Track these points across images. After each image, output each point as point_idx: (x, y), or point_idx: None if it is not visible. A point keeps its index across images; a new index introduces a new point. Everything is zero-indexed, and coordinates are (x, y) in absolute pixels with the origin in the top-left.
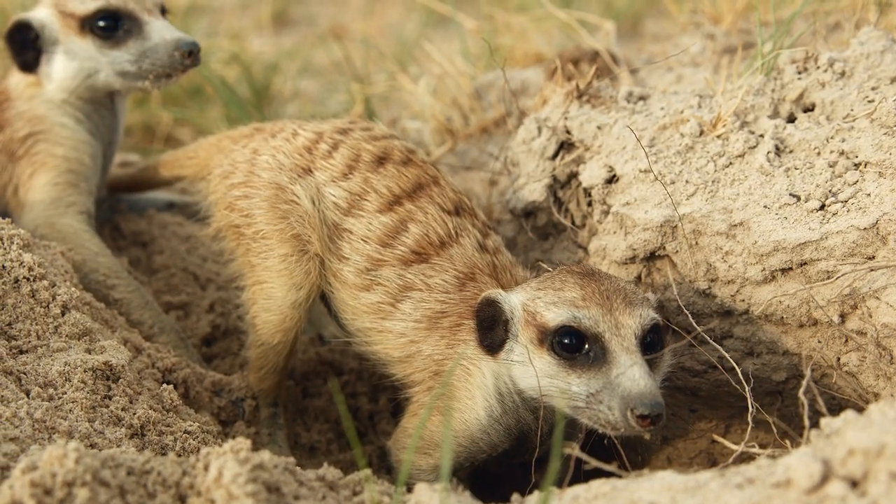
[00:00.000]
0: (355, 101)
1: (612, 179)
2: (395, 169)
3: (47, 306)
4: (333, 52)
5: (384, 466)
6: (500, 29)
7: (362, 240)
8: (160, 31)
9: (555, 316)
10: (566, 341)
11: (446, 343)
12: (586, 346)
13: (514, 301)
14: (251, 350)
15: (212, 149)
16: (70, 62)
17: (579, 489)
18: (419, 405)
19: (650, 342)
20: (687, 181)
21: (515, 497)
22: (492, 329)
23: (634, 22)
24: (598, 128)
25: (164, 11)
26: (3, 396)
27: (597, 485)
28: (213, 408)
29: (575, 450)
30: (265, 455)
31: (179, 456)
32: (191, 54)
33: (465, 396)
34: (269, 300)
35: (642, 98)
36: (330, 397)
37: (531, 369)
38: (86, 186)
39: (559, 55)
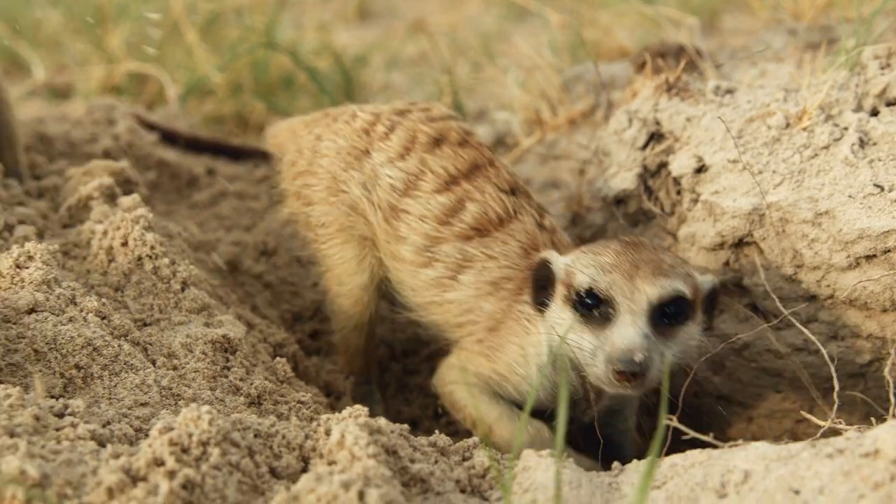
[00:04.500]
0: (443, 93)
1: (700, 169)
2: (451, 150)
3: (168, 283)
4: (418, 44)
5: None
6: (584, 23)
7: (420, 219)
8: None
9: (582, 277)
10: (584, 300)
11: (507, 303)
12: (600, 306)
13: (561, 262)
14: (335, 335)
15: (287, 133)
16: None
17: (677, 458)
18: (467, 345)
19: (669, 313)
20: (774, 171)
21: (616, 464)
22: (544, 288)
23: (711, 17)
24: (688, 119)
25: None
26: (132, 365)
27: (693, 454)
28: (319, 381)
29: (674, 421)
30: (382, 421)
31: None
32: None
33: (518, 352)
34: (341, 286)
35: (729, 91)
36: (429, 373)
37: (559, 326)
38: None
39: (646, 49)
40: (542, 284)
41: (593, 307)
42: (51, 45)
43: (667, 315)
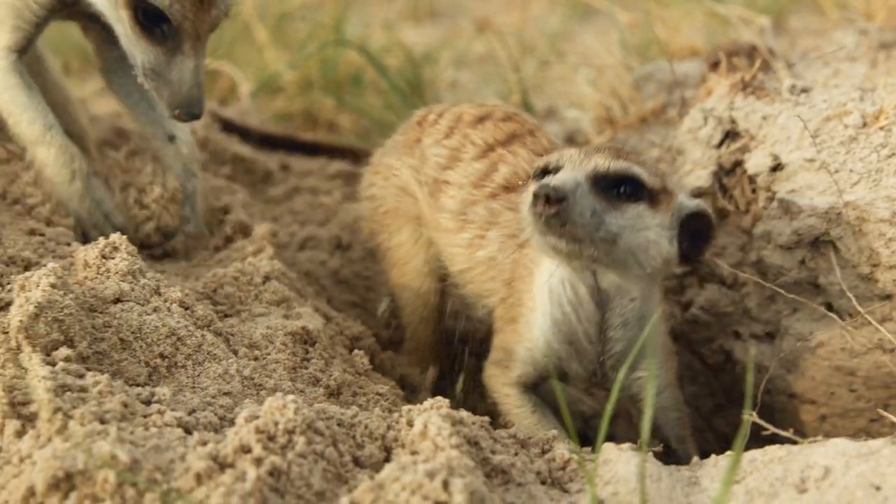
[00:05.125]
0: (511, 91)
1: (777, 167)
2: (493, 124)
3: (251, 276)
4: (484, 43)
5: None
6: (654, 22)
7: (458, 187)
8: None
9: (546, 159)
10: (541, 172)
11: (519, 253)
12: (546, 175)
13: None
14: (405, 332)
15: None
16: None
17: (756, 453)
18: (497, 318)
19: (619, 188)
20: (851, 170)
21: (695, 459)
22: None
23: (778, 17)
24: (763, 118)
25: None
26: (215, 355)
27: (772, 449)
28: (395, 375)
29: (753, 415)
30: (464, 412)
31: None
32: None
33: (528, 299)
34: (404, 276)
35: (805, 90)
36: None
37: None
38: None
39: (719, 48)
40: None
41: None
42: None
43: (616, 189)
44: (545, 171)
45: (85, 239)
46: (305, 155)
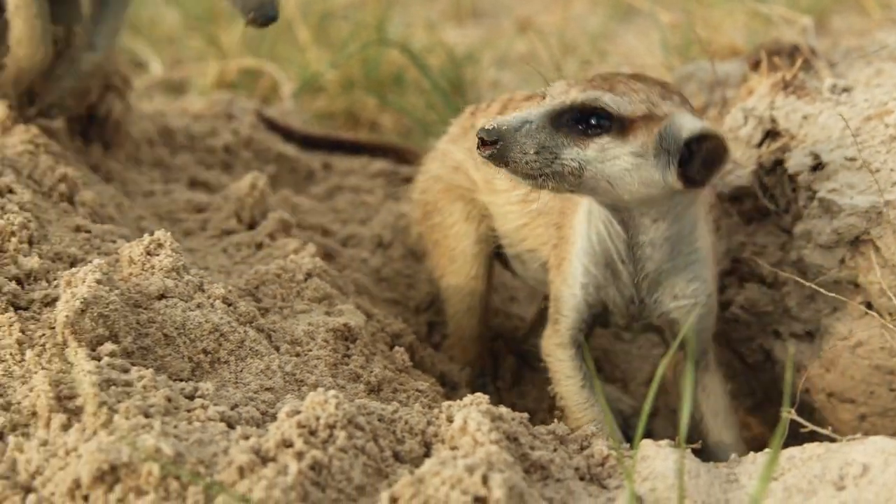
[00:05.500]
0: None
1: (817, 167)
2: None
3: (293, 273)
4: (526, 43)
5: None
6: (695, 22)
7: None
8: None
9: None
10: None
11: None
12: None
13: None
14: (449, 326)
15: None
16: None
17: (795, 451)
18: (551, 270)
19: (586, 121)
20: (892, 169)
21: (734, 456)
22: None
23: (821, 17)
24: (804, 117)
25: None
26: (257, 351)
27: (811, 447)
28: (435, 372)
29: (792, 413)
30: (503, 408)
31: None
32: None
33: (571, 234)
34: (453, 262)
35: (846, 90)
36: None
37: None
38: None
39: (761, 48)
40: None
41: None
42: (167, 42)
43: (583, 122)
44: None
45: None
46: (347, 154)
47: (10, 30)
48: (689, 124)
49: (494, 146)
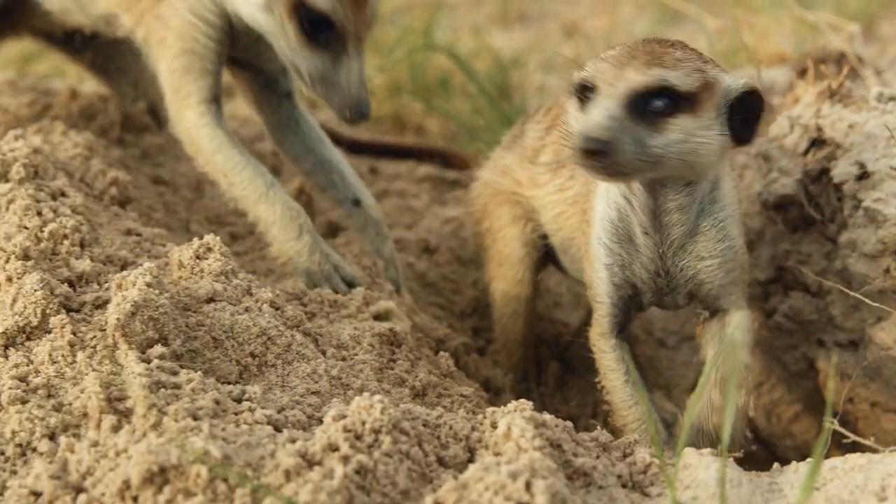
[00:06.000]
0: None
1: (863, 176)
2: None
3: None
4: (573, 47)
5: None
6: (741, 29)
7: (552, 144)
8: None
9: (583, 73)
10: (581, 91)
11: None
12: (588, 92)
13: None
14: (495, 329)
15: None
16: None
17: (837, 461)
18: (584, 259)
19: (655, 103)
20: None
21: (776, 466)
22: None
23: (868, 23)
24: (850, 126)
25: None
26: (304, 355)
27: (853, 458)
28: (479, 377)
29: (834, 423)
30: (547, 415)
31: None
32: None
33: (592, 216)
34: (501, 266)
35: (892, 98)
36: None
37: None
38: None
39: (807, 55)
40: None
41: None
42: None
43: (654, 104)
44: (584, 87)
45: None
46: (394, 159)
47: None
48: (733, 83)
49: (605, 157)
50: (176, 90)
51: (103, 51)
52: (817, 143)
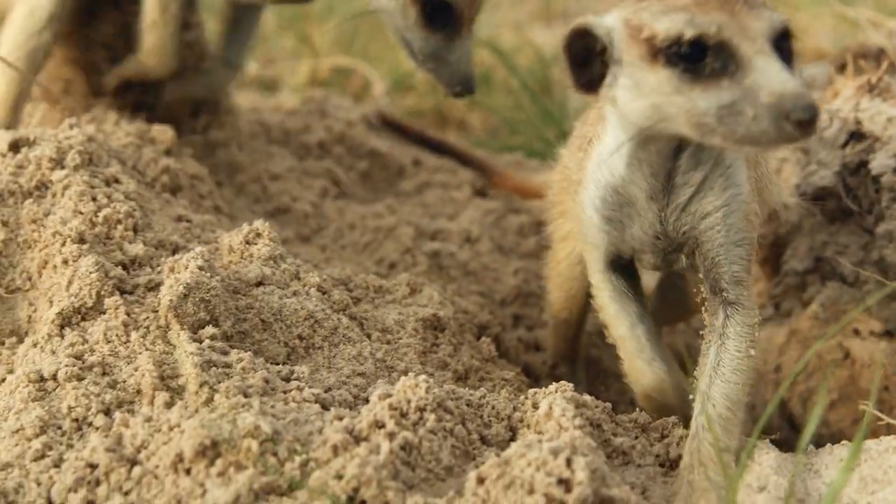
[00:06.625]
0: None
1: None
2: None
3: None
4: None
5: None
6: None
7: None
8: (462, 53)
9: (668, 24)
10: (685, 51)
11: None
12: (709, 54)
13: (609, 22)
14: (548, 322)
15: None
16: None
17: (871, 443)
18: None
19: (782, 50)
20: None
21: (811, 448)
22: (587, 64)
23: None
24: (888, 120)
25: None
26: (350, 338)
27: (887, 440)
28: (520, 363)
29: (870, 406)
30: (587, 396)
31: None
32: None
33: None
34: (559, 262)
35: None
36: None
37: (641, 91)
38: None
39: (847, 51)
40: (581, 61)
41: (697, 59)
42: (260, 41)
43: (780, 53)
44: (697, 45)
45: None
46: (437, 153)
47: (141, 41)
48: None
49: (816, 121)
50: None
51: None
52: (856, 136)
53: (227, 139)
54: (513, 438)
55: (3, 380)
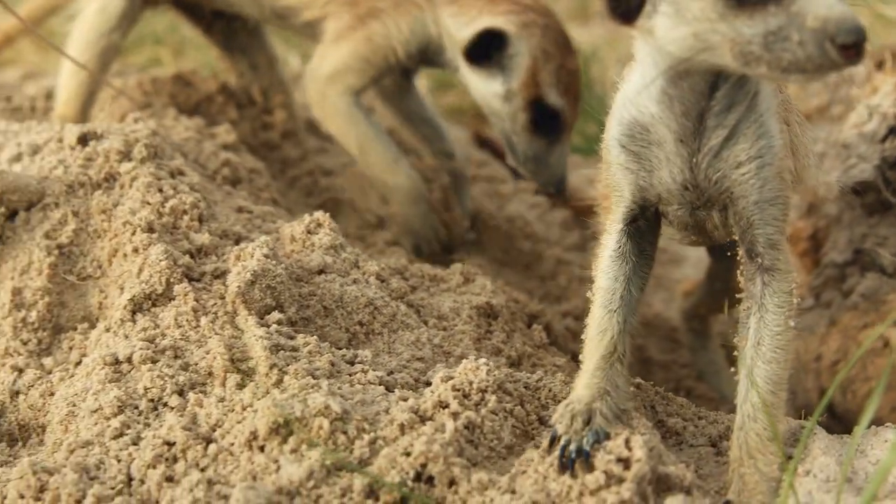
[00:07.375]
0: None
1: None
2: None
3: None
4: None
5: None
6: None
7: None
8: (560, 157)
9: None
10: None
11: None
12: None
13: None
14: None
15: None
16: None
17: None
18: None
19: None
20: None
21: (855, 429)
22: None
23: None
24: None
25: None
26: (408, 324)
27: None
28: (569, 350)
29: None
30: (640, 380)
31: None
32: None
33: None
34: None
35: None
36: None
37: (683, 18)
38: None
39: (885, 48)
40: None
41: None
42: (303, 38)
43: None
44: None
45: (418, 251)
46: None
47: None
48: None
49: (863, 46)
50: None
51: (228, 30)
52: (894, 130)
53: (282, 135)
54: None
55: (79, 362)
